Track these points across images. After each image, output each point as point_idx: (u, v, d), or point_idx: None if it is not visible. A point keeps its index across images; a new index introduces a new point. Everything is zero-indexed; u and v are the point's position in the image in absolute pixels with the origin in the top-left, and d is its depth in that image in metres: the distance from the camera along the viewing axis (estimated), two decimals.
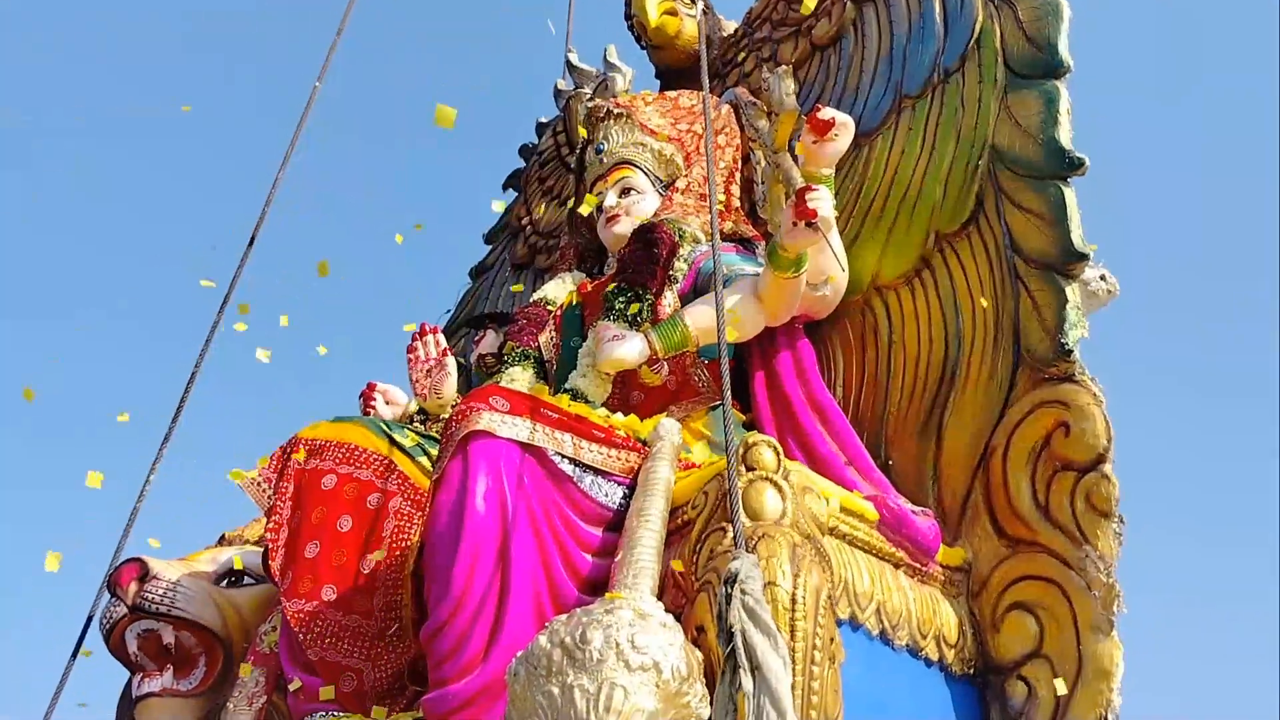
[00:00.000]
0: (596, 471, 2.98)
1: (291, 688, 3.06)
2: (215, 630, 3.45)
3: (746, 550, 2.51)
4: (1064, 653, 2.94)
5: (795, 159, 3.49)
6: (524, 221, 5.37)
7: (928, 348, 3.53)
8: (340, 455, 3.29)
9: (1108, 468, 2.99)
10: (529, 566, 2.74)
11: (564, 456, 2.93)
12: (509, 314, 4.71)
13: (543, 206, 5.30)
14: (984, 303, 3.38)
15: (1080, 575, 2.95)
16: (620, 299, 3.56)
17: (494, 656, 2.65)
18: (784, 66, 3.42)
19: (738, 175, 4.18)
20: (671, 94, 4.35)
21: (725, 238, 3.92)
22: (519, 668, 2.37)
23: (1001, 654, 3.06)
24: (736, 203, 4.09)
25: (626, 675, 2.27)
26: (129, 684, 3.66)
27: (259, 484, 3.29)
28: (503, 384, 3.75)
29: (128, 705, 3.58)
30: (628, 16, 4.78)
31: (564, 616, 2.40)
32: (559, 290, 4.05)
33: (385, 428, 3.41)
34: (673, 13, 4.63)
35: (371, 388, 3.98)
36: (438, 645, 2.70)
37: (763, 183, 3.53)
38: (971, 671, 3.09)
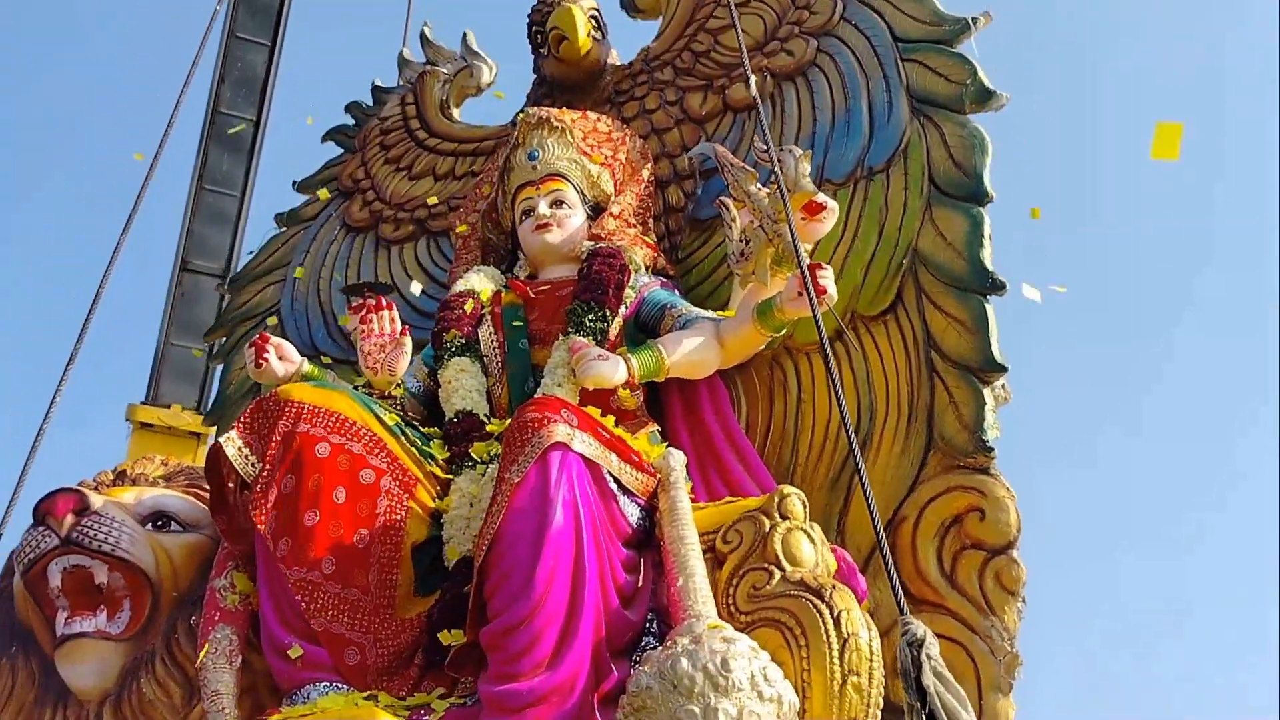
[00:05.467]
0: (626, 492, 3.20)
1: (292, 654, 3.07)
2: (149, 574, 3.33)
3: (820, 599, 2.87)
4: None
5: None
6: (361, 184, 5.32)
7: (839, 414, 3.97)
8: (330, 424, 3.29)
9: (1016, 553, 3.56)
10: (596, 578, 2.94)
11: (611, 475, 3.13)
12: (389, 285, 4.72)
13: (388, 176, 5.28)
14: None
15: (985, 641, 3.49)
16: (590, 316, 3.76)
17: (566, 660, 2.83)
18: (800, 151, 3.75)
19: (653, 207, 4.47)
20: (591, 116, 4.54)
21: (652, 272, 4.20)
22: (651, 683, 2.60)
23: (899, 698, 3.53)
24: (653, 236, 4.37)
25: (759, 704, 2.58)
26: (13, 616, 3.44)
27: (244, 453, 3.21)
28: (450, 372, 3.84)
29: (24, 643, 3.36)
30: (539, 23, 4.90)
31: (685, 641, 2.66)
32: (484, 284, 4.15)
33: (366, 402, 3.44)
34: (588, 36, 4.81)
35: (265, 339, 3.87)
36: (511, 641, 2.83)
37: (744, 240, 3.82)
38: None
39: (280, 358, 3.82)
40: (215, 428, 5.08)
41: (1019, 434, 3.99)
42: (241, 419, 3.29)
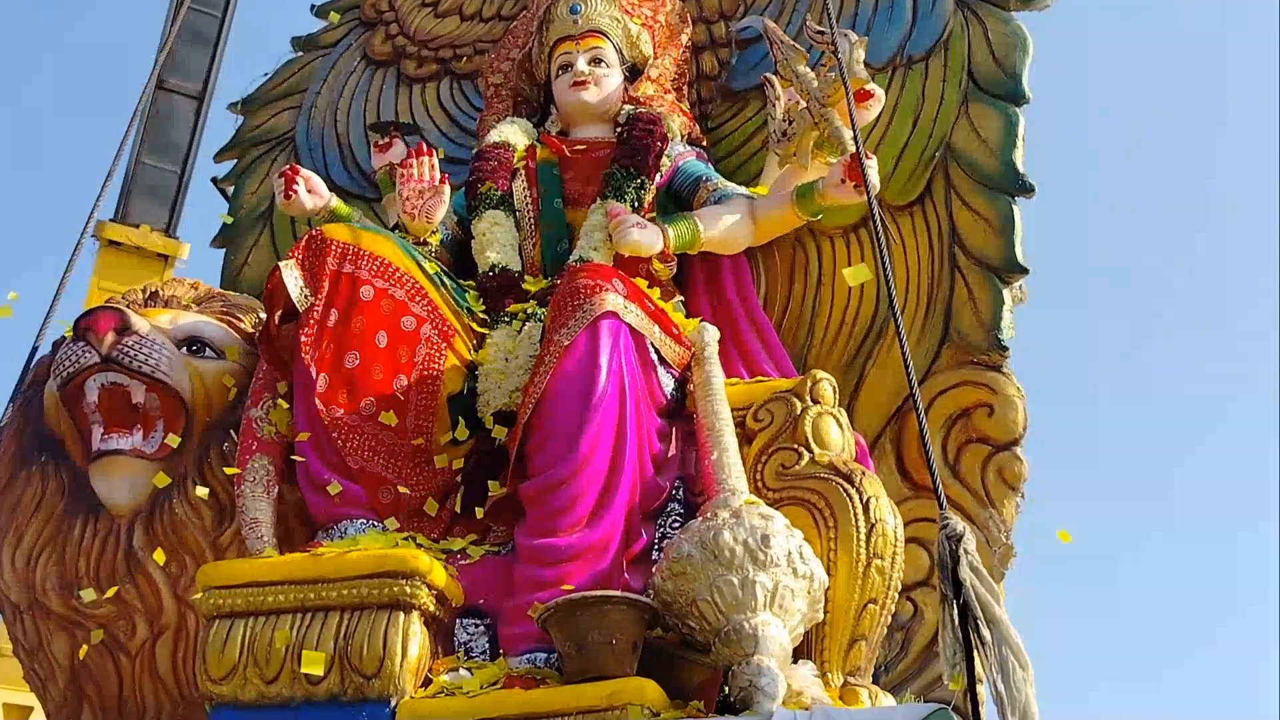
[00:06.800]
0: (664, 363, 3.28)
1: (331, 490, 3.13)
2: (185, 398, 3.36)
3: (850, 484, 2.99)
4: None
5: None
6: (384, 15, 5.23)
7: (858, 299, 4.05)
8: (375, 268, 3.32)
9: (1020, 450, 3.71)
10: (635, 445, 3.04)
11: (653, 346, 3.21)
12: (415, 126, 4.69)
13: (414, 10, 5.18)
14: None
15: (983, 531, 3.65)
16: (630, 184, 3.78)
17: (604, 520, 2.94)
18: (856, 36, 3.76)
19: (688, 74, 4.46)
20: None
21: (686, 142, 4.21)
22: (692, 550, 2.71)
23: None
24: (687, 104, 4.37)
25: (793, 580, 2.70)
26: (43, 425, 3.47)
27: (300, 287, 3.24)
28: (484, 224, 3.86)
29: (53, 453, 3.41)
30: None
31: (725, 515, 2.76)
32: (518, 138, 4.14)
33: (409, 249, 3.47)
34: None
35: (295, 170, 3.86)
36: (554, 498, 2.93)
37: (788, 119, 3.84)
38: None
39: (310, 191, 3.82)
40: (224, 249, 5.06)
41: None
42: (296, 252, 3.31)
